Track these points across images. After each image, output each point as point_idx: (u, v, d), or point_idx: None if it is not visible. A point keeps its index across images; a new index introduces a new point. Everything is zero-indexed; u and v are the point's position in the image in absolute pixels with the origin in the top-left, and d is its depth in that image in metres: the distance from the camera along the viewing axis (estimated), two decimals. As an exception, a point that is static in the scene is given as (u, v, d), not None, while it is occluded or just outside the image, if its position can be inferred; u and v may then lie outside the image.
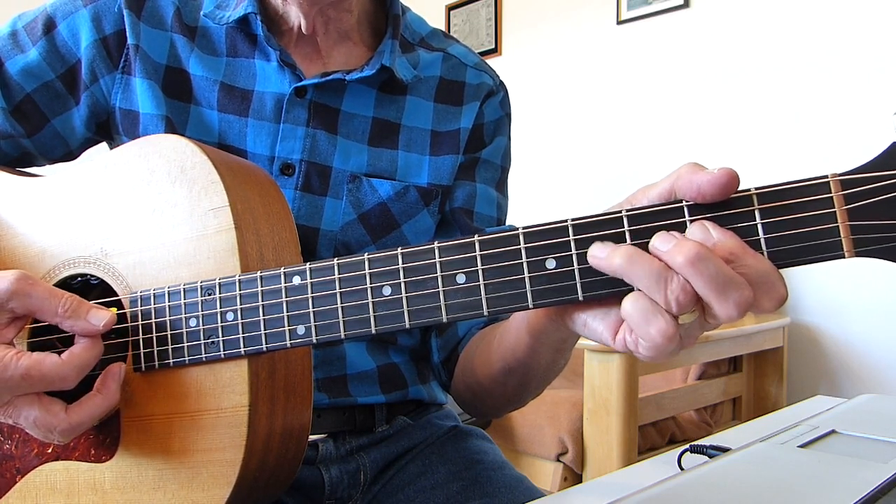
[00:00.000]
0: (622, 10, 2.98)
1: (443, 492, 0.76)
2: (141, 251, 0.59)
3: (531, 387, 0.69)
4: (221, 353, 0.55)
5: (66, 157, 0.80)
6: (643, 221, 0.43)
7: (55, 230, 0.64)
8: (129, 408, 0.59)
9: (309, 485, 0.75)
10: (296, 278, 0.52)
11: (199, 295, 0.56)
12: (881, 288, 2.30)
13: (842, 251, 0.40)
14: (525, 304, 0.46)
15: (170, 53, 0.75)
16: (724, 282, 0.40)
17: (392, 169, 0.79)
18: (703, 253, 0.40)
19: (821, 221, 0.40)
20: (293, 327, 0.52)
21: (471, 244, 0.47)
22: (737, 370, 2.41)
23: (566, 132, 3.18)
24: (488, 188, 0.85)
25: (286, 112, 0.75)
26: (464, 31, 3.61)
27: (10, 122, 0.74)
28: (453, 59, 0.86)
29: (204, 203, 0.57)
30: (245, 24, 0.76)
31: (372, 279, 0.50)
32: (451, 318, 0.48)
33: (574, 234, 0.45)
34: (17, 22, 0.76)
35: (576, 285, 0.45)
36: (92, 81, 0.74)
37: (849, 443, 0.62)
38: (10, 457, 0.63)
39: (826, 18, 2.42)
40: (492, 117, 0.86)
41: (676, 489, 0.51)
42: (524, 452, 2.11)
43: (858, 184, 0.39)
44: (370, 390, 0.78)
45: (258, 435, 0.55)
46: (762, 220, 0.41)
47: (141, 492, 0.57)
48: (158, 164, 0.60)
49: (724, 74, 2.67)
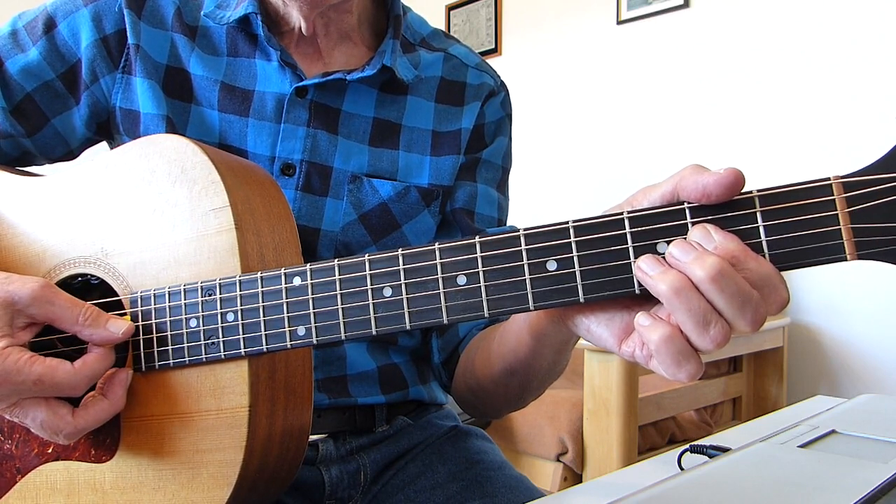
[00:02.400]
0: (622, 10, 2.98)
1: (443, 492, 0.76)
2: (141, 251, 0.59)
3: (532, 387, 0.69)
4: (222, 353, 0.55)
5: (66, 157, 0.80)
6: (645, 223, 0.43)
7: (56, 230, 0.64)
8: (129, 408, 0.59)
9: (309, 485, 0.74)
10: (296, 279, 0.52)
11: (200, 295, 0.56)
12: (881, 288, 2.30)
13: (844, 254, 0.39)
14: (526, 306, 0.46)
15: (170, 53, 0.75)
16: (743, 299, 0.40)
17: (393, 169, 0.79)
18: (725, 269, 0.39)
19: (823, 224, 0.40)
20: (293, 328, 0.52)
21: (472, 245, 0.47)
22: (737, 370, 2.41)
23: (566, 132, 3.18)
24: (489, 189, 0.85)
25: (287, 112, 0.75)
26: (464, 31, 3.61)
27: (9, 122, 0.74)
28: (454, 60, 0.86)
29: (204, 203, 0.57)
30: (246, 24, 0.76)
31: (373, 280, 0.49)
32: (451, 319, 0.47)
33: (575, 235, 0.44)
34: (17, 21, 0.76)
35: (577, 287, 0.44)
36: (92, 81, 0.74)
37: (849, 443, 0.62)
38: (11, 456, 0.63)
39: (827, 18, 2.42)
40: (493, 117, 0.86)
41: (676, 489, 0.51)
42: (524, 452, 2.11)
43: (861, 186, 0.39)
44: (370, 390, 0.78)
45: (258, 436, 0.55)
46: (764, 223, 0.41)
47: (141, 492, 0.57)
48: (159, 164, 0.60)
49: (724, 74, 2.67)
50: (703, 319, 0.40)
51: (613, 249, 0.44)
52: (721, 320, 0.40)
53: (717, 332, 0.40)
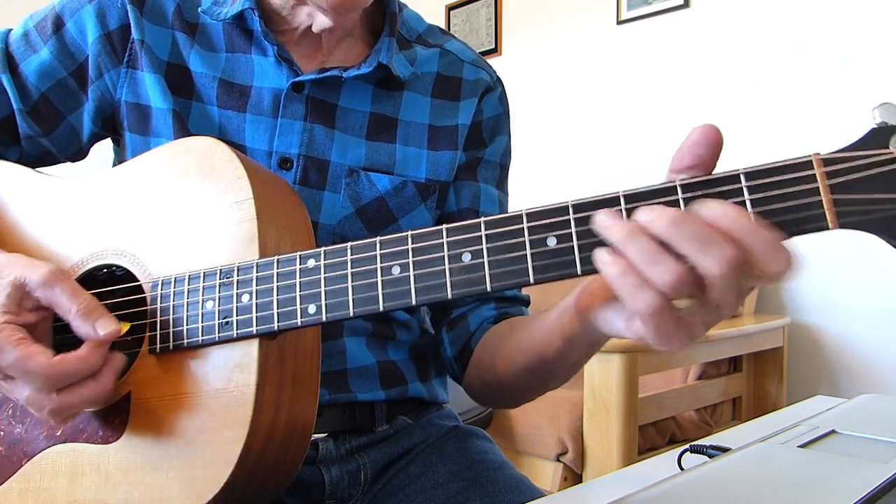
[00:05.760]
0: (622, 10, 2.98)
1: (443, 492, 0.76)
2: (166, 242, 0.62)
3: (552, 385, 0.72)
4: (234, 332, 0.56)
5: (77, 154, 0.82)
6: (640, 200, 0.45)
7: (87, 225, 0.67)
8: (139, 390, 0.60)
9: (309, 484, 0.75)
10: (311, 261, 0.55)
11: (218, 278, 0.58)
12: (881, 288, 2.30)
13: (825, 222, 0.42)
14: (526, 280, 0.48)
15: (171, 50, 0.76)
16: (703, 239, 0.41)
17: (390, 163, 0.80)
18: (678, 216, 0.42)
19: (805, 195, 0.42)
20: (304, 306, 0.54)
21: (477, 225, 0.49)
22: (737, 370, 2.41)
23: (566, 132, 3.18)
24: (490, 187, 0.86)
25: (283, 107, 0.75)
26: (464, 31, 3.61)
27: (27, 123, 0.76)
28: (450, 55, 0.86)
29: (229, 196, 0.60)
30: (242, 21, 0.77)
31: (382, 259, 0.52)
32: (456, 294, 0.49)
33: (574, 213, 0.47)
34: (28, 22, 0.78)
35: (575, 260, 0.47)
36: (97, 76, 0.76)
37: (849, 443, 0.62)
38: (20, 440, 0.64)
39: (827, 18, 2.42)
40: (490, 114, 0.87)
41: (676, 489, 0.51)
42: (524, 452, 2.11)
43: (840, 161, 0.42)
44: (370, 386, 0.78)
45: (263, 416, 0.55)
46: (750, 197, 0.43)
47: (144, 472, 0.58)
48: (190, 163, 0.63)
49: (724, 74, 2.67)
50: (651, 259, 0.42)
51: None
52: (669, 259, 0.42)
53: (664, 268, 0.42)
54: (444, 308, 0.85)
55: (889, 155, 0.41)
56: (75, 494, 0.60)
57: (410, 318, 0.84)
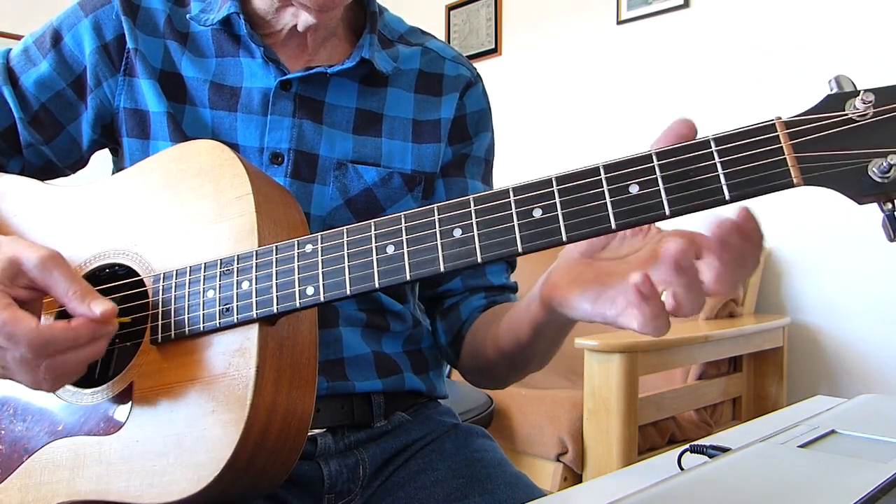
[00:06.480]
0: (622, 10, 2.98)
1: (443, 488, 0.76)
2: (167, 238, 0.64)
3: (533, 366, 0.78)
4: (235, 318, 0.58)
5: (78, 163, 0.85)
6: (617, 169, 0.49)
7: (89, 228, 0.69)
8: (141, 379, 0.61)
9: (308, 479, 0.75)
10: (308, 246, 0.57)
11: (218, 268, 0.60)
12: (881, 288, 2.30)
13: (790, 178, 0.45)
14: (514, 249, 0.50)
15: (164, 58, 0.80)
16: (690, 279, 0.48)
17: (377, 155, 0.82)
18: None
19: (770, 155, 0.45)
20: (303, 287, 0.56)
21: (466, 202, 0.52)
22: (737, 370, 2.41)
23: (566, 132, 3.18)
24: (476, 182, 0.91)
25: (272, 105, 0.78)
26: (464, 31, 3.61)
27: (28, 131, 0.80)
28: (432, 53, 0.90)
29: (229, 192, 0.62)
30: (228, 25, 0.80)
31: (377, 239, 0.55)
32: (448, 267, 0.52)
33: (557, 184, 0.50)
34: (27, 39, 0.82)
35: (559, 228, 0.49)
36: (96, 85, 0.79)
37: (849, 443, 0.62)
38: (21, 438, 0.65)
39: (827, 19, 2.42)
40: (474, 108, 0.91)
41: (676, 489, 0.51)
42: (524, 452, 2.11)
43: (801, 123, 0.46)
44: (367, 374, 0.79)
45: (263, 398, 0.56)
46: (720, 160, 0.46)
47: (145, 459, 0.58)
48: (190, 164, 0.66)
49: (724, 74, 2.67)
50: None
51: (591, 193, 0.49)
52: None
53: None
54: (438, 298, 0.89)
55: (844, 115, 0.45)
56: (77, 486, 0.60)
57: (403, 308, 0.86)
